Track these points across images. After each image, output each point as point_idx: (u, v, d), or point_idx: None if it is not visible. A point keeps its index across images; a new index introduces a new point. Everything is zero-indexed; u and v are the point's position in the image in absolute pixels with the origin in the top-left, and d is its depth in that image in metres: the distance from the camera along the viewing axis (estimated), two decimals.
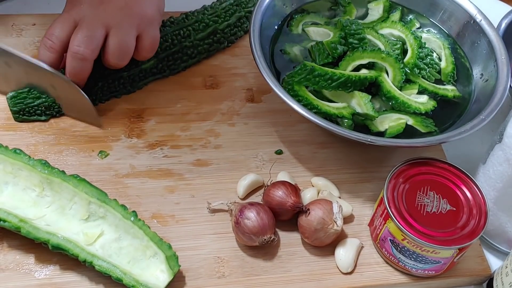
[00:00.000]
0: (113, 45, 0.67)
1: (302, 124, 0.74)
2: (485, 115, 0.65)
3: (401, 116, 0.68)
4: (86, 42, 0.65)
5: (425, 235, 0.57)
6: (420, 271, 0.60)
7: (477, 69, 0.74)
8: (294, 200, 0.62)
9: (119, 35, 0.67)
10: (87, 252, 0.57)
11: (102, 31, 0.66)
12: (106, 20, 0.67)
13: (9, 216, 0.58)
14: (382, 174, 0.67)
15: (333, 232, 0.60)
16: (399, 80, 0.70)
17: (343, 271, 0.61)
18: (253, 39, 0.69)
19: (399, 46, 0.74)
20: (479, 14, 0.75)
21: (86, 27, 0.66)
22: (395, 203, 0.59)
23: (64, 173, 0.61)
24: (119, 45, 0.67)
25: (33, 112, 0.70)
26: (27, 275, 0.58)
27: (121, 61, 0.69)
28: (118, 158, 0.68)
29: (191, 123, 0.73)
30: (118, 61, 0.68)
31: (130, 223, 0.59)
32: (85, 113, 0.70)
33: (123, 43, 0.67)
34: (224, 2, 0.82)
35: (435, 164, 0.63)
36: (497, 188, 0.62)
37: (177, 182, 0.67)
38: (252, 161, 0.70)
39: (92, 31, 0.66)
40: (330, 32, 0.75)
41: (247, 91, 0.77)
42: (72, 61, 0.66)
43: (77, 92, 0.68)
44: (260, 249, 0.62)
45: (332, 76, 0.67)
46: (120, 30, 0.67)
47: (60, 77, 0.68)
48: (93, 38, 0.66)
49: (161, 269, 0.57)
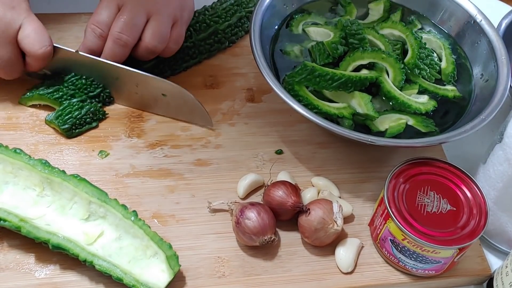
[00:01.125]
0: (154, 29, 0.68)
1: (303, 124, 0.74)
2: (485, 115, 0.65)
3: (402, 116, 0.68)
4: (129, 29, 0.67)
5: (426, 235, 0.57)
6: (420, 271, 0.60)
7: (477, 69, 0.74)
8: (295, 200, 0.62)
9: (159, 21, 0.69)
10: (87, 251, 0.57)
11: (143, 18, 0.68)
12: (148, 7, 0.68)
13: (10, 215, 0.58)
14: (383, 174, 0.67)
15: (333, 232, 0.60)
16: (400, 80, 0.70)
17: (343, 271, 0.61)
18: (253, 39, 0.69)
19: (399, 46, 0.74)
20: (479, 14, 0.75)
21: (129, 13, 0.67)
22: (395, 203, 0.59)
23: (64, 173, 0.61)
24: (159, 30, 0.69)
25: (83, 123, 0.70)
26: (27, 275, 0.58)
27: (161, 44, 0.70)
28: (119, 158, 0.68)
29: (191, 123, 0.73)
30: (158, 43, 0.69)
31: (130, 223, 0.59)
32: (196, 113, 0.71)
33: (163, 29, 0.69)
34: (225, 2, 0.82)
35: (436, 164, 0.63)
36: (497, 188, 0.62)
37: (178, 182, 0.67)
38: (252, 161, 0.70)
39: (134, 17, 0.67)
40: (330, 32, 0.75)
41: (247, 91, 0.77)
42: (114, 46, 0.68)
43: (188, 95, 0.70)
44: (260, 249, 0.62)
45: (332, 76, 0.67)
46: (160, 17, 0.69)
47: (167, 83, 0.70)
48: (135, 25, 0.68)
49: (162, 269, 0.57)
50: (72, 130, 0.69)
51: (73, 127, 0.69)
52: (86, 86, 0.71)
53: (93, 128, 0.70)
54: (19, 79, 0.72)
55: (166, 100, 0.71)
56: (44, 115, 0.70)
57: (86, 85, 0.71)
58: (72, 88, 0.71)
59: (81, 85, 0.71)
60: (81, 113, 0.69)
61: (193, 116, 0.72)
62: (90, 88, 0.71)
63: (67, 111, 0.69)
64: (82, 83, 0.71)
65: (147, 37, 0.69)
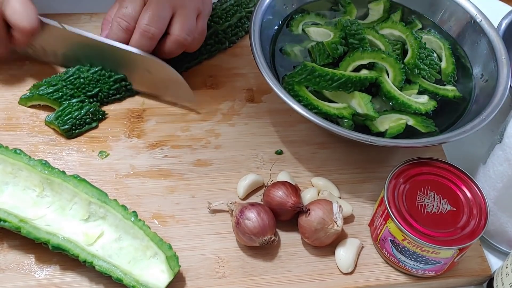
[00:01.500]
0: (182, 22, 0.70)
1: (302, 124, 0.74)
2: (485, 115, 0.65)
3: (402, 116, 0.68)
4: (156, 21, 0.68)
5: (426, 236, 0.57)
6: (421, 271, 0.60)
7: (477, 69, 0.74)
8: (294, 200, 0.62)
9: (185, 14, 0.70)
10: (87, 252, 0.57)
11: (169, 11, 0.69)
12: (173, 1, 0.69)
13: (9, 216, 0.58)
14: (383, 174, 0.67)
15: (333, 232, 0.60)
16: (400, 80, 0.70)
17: (343, 271, 0.61)
18: (253, 39, 0.69)
19: (399, 47, 0.74)
20: (479, 14, 0.75)
21: (155, 6, 0.68)
22: (395, 203, 0.59)
23: (64, 173, 0.61)
24: (187, 23, 0.70)
25: (83, 123, 0.70)
26: (27, 276, 0.58)
27: (190, 36, 0.71)
28: (118, 158, 0.68)
29: (191, 123, 0.73)
30: (187, 35, 0.70)
31: (130, 223, 0.59)
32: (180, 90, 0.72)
33: (190, 21, 0.71)
34: (225, 2, 0.82)
35: (436, 164, 0.63)
36: (497, 188, 0.62)
37: (177, 182, 0.67)
38: (252, 161, 0.70)
39: (161, 10, 0.68)
40: (330, 32, 0.75)
41: (247, 91, 0.77)
42: (141, 39, 0.69)
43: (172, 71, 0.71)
44: (260, 249, 0.62)
45: (332, 76, 0.67)
46: (186, 10, 0.70)
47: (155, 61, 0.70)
48: (162, 18, 0.68)
49: (162, 269, 0.57)
50: (72, 131, 0.69)
51: (73, 128, 0.69)
52: (84, 85, 0.71)
53: (93, 128, 0.70)
54: (19, 79, 0.72)
55: (150, 77, 0.72)
56: (44, 115, 0.70)
57: (85, 84, 0.71)
58: (71, 88, 0.71)
59: (79, 84, 0.71)
60: (81, 113, 0.69)
61: (177, 92, 0.73)
62: (88, 87, 0.71)
63: (67, 111, 0.69)
64: (81, 82, 0.71)
65: (176, 30, 0.70)
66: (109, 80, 0.72)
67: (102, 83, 0.72)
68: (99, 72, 0.72)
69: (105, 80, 0.72)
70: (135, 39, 0.69)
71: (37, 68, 0.75)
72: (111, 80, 0.72)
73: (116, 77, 0.72)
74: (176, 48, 0.71)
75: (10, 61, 0.75)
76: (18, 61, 0.76)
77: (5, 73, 0.74)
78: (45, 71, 0.75)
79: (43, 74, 0.74)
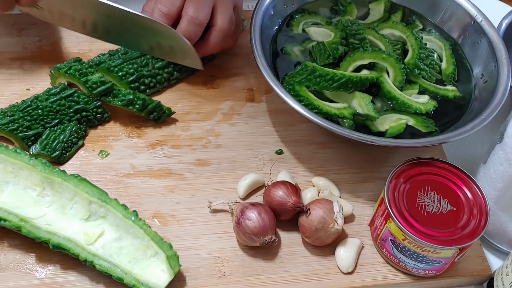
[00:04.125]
0: (224, 12, 0.72)
1: (303, 124, 0.74)
2: (485, 115, 0.65)
3: (402, 116, 0.68)
4: (202, 9, 0.71)
5: (426, 235, 0.57)
6: (421, 271, 0.60)
7: (477, 69, 0.74)
8: (295, 200, 0.62)
9: (225, 5, 0.73)
10: (87, 251, 0.57)
11: (211, 1, 0.72)
12: None
13: (10, 215, 0.58)
14: (383, 174, 0.68)
15: (333, 232, 0.60)
16: (400, 80, 0.70)
17: (343, 271, 0.61)
18: (253, 38, 0.69)
19: (399, 47, 0.74)
20: (480, 14, 0.75)
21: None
22: (395, 203, 0.59)
23: (64, 173, 0.61)
24: (228, 13, 0.73)
25: (71, 144, 0.67)
26: (28, 275, 0.58)
27: (233, 25, 0.74)
28: (119, 158, 0.68)
29: (192, 123, 0.73)
30: (230, 24, 0.73)
31: (130, 223, 0.59)
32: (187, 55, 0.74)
33: (230, 12, 0.73)
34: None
35: (436, 164, 0.63)
36: (497, 188, 0.62)
37: (178, 182, 0.67)
38: (252, 161, 0.70)
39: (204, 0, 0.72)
40: (330, 32, 0.75)
41: (247, 91, 0.77)
42: (189, 25, 0.71)
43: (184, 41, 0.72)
44: (260, 249, 0.62)
45: (333, 76, 0.67)
46: (225, 2, 0.73)
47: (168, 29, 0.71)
48: (207, 6, 0.71)
49: (162, 269, 0.57)
50: (63, 155, 0.67)
51: (63, 151, 0.66)
52: (43, 116, 0.67)
53: (81, 146, 0.69)
54: (19, 79, 0.72)
55: (157, 41, 0.72)
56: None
57: (43, 115, 0.67)
58: (28, 119, 0.67)
59: (37, 116, 0.67)
60: (66, 135, 0.67)
61: (184, 57, 0.74)
62: (47, 119, 0.67)
63: (52, 137, 0.66)
64: (39, 114, 0.67)
65: (220, 19, 0.72)
66: (69, 110, 0.68)
67: (61, 114, 0.68)
68: (58, 102, 0.68)
69: (65, 111, 0.68)
70: (183, 26, 0.71)
71: (37, 68, 0.75)
72: (71, 111, 0.68)
73: (76, 107, 0.68)
74: (221, 38, 0.73)
75: (10, 61, 0.76)
76: (18, 61, 0.76)
77: (5, 72, 0.74)
78: (45, 70, 0.75)
79: (43, 74, 0.75)
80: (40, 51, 0.78)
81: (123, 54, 0.73)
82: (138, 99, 0.69)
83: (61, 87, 0.69)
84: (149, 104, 0.70)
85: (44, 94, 0.69)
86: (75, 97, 0.69)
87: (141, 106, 0.70)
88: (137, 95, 0.70)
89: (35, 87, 0.73)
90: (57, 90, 0.69)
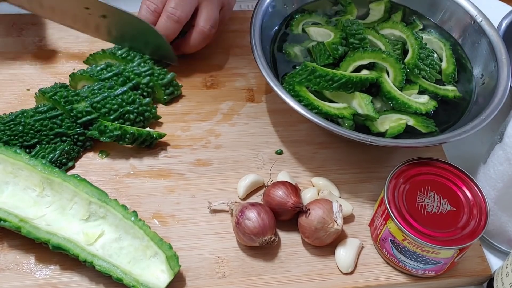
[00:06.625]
0: (207, 13, 0.72)
1: (303, 124, 0.74)
2: (485, 115, 0.65)
3: (402, 116, 0.68)
4: (182, 6, 0.71)
5: (426, 236, 0.57)
6: (421, 271, 0.60)
7: (477, 69, 0.74)
8: (294, 200, 0.62)
9: (210, 6, 0.73)
10: (87, 252, 0.57)
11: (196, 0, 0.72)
12: None
13: (10, 216, 0.58)
14: (383, 174, 0.67)
15: (333, 231, 0.60)
16: (400, 80, 0.70)
17: (343, 271, 0.61)
18: (253, 39, 0.69)
19: (399, 47, 0.74)
20: (480, 14, 0.75)
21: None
22: (395, 204, 0.59)
23: (64, 173, 0.61)
24: (212, 14, 0.73)
25: (59, 165, 0.65)
26: (28, 275, 0.58)
27: (214, 28, 0.74)
28: (119, 158, 0.68)
29: (192, 123, 0.73)
30: (212, 27, 0.73)
31: (130, 223, 0.59)
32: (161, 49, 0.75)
33: (215, 13, 0.73)
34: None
35: (436, 164, 0.63)
36: (497, 188, 0.62)
37: (178, 182, 0.67)
38: (252, 161, 0.70)
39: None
40: (330, 32, 0.75)
41: (247, 91, 0.77)
42: (167, 21, 0.71)
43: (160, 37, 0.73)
44: (260, 249, 0.62)
45: (333, 77, 0.67)
46: (210, 3, 0.73)
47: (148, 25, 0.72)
48: (189, 4, 0.71)
49: (162, 269, 0.57)
50: None
51: None
52: (23, 133, 0.65)
53: (70, 168, 0.66)
54: (19, 79, 0.72)
55: (133, 33, 0.73)
56: None
57: (24, 132, 0.65)
58: (8, 134, 0.64)
59: (17, 132, 0.65)
60: (55, 155, 0.65)
61: (159, 52, 0.75)
62: (26, 136, 0.65)
63: (40, 155, 0.64)
64: (19, 130, 0.65)
65: (201, 21, 0.72)
66: (49, 132, 0.65)
67: (41, 135, 0.65)
68: (41, 121, 0.65)
69: (46, 132, 0.65)
70: (162, 21, 0.72)
71: (37, 68, 0.75)
72: (51, 133, 0.65)
73: (57, 130, 0.66)
74: (201, 39, 0.73)
75: (10, 61, 0.76)
76: (18, 61, 0.76)
77: (5, 73, 0.74)
78: (45, 70, 0.75)
79: (43, 74, 0.75)
80: (40, 51, 0.78)
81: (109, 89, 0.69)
82: (127, 133, 0.67)
83: (49, 106, 0.67)
84: (139, 137, 0.68)
85: (31, 111, 0.66)
86: (58, 120, 0.66)
87: (131, 140, 0.67)
88: (124, 129, 0.66)
89: (35, 88, 0.73)
90: (44, 109, 0.66)
